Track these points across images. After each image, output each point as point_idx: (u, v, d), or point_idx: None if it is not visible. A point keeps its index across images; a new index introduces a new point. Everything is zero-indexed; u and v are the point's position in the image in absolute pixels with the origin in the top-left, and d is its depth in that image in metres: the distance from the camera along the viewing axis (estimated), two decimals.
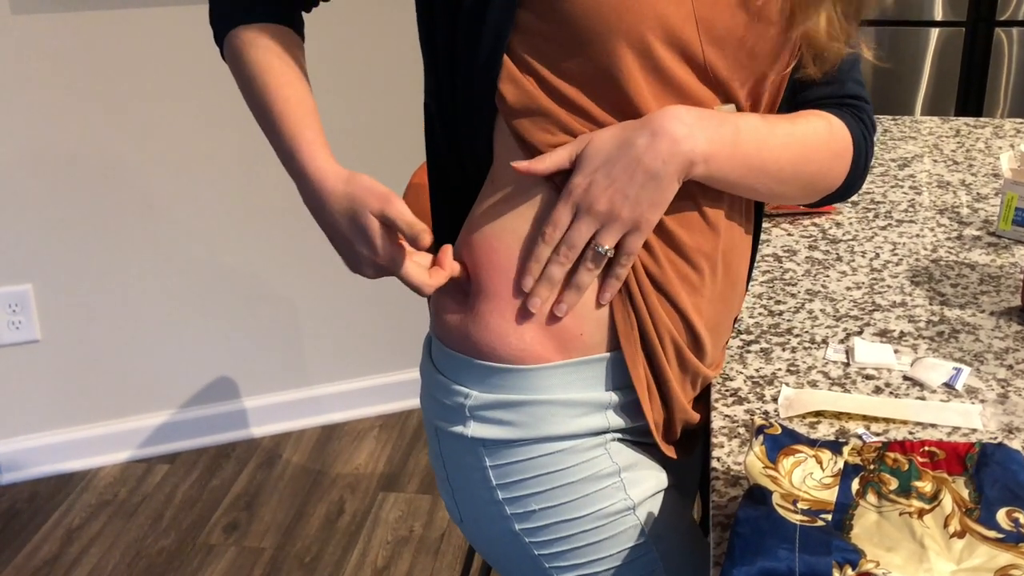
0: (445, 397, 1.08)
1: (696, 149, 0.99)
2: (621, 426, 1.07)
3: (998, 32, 2.82)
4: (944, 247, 1.50)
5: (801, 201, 1.15)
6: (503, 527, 1.08)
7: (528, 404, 1.04)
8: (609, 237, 1.00)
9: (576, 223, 1.00)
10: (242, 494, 2.64)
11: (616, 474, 1.07)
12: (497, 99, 1.02)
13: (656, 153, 0.98)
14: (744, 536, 0.83)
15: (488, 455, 1.06)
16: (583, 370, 1.04)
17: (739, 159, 1.02)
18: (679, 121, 0.98)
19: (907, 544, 0.84)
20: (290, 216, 2.74)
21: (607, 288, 1.02)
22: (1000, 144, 1.95)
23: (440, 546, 2.44)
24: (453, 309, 1.07)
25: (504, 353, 1.03)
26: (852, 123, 1.12)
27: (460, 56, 1.02)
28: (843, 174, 1.12)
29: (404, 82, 2.72)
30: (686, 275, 1.05)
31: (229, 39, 1.10)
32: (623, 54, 0.97)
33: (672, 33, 0.97)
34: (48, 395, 2.70)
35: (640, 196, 0.99)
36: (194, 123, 2.61)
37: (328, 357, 2.91)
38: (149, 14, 2.49)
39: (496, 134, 1.05)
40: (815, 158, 1.08)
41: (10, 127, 2.48)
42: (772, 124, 1.05)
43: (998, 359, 1.21)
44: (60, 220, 2.58)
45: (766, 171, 1.05)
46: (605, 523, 1.07)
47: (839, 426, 1.08)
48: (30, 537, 2.50)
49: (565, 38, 0.97)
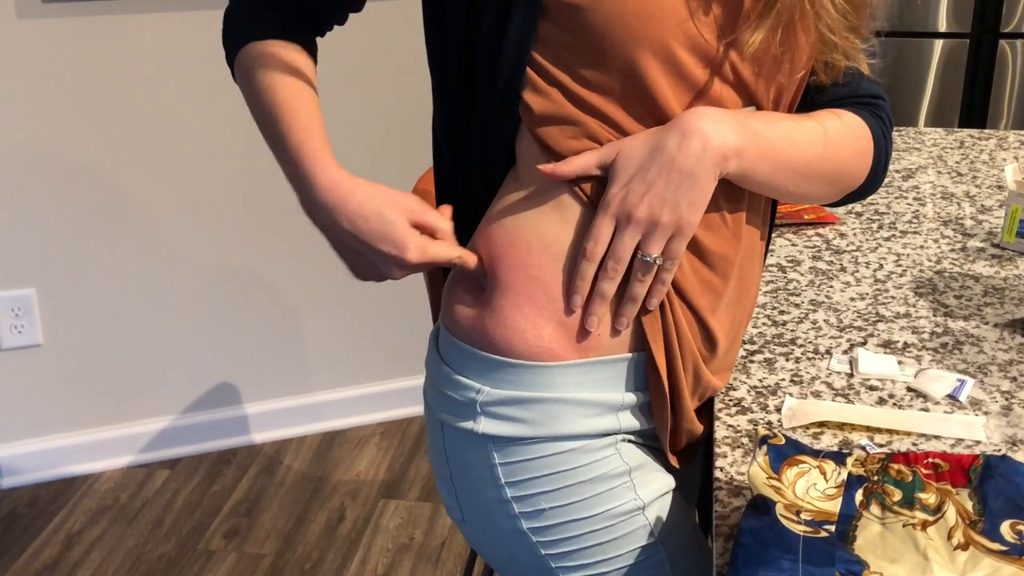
0: (453, 391, 1.07)
1: (728, 143, 0.99)
2: (632, 428, 1.07)
3: (1002, 44, 2.83)
4: (948, 259, 1.50)
5: (826, 199, 1.15)
6: (510, 526, 1.08)
7: (542, 401, 1.03)
8: (654, 245, 1.00)
9: (619, 235, 1.00)
10: (243, 500, 2.64)
11: (627, 474, 1.07)
12: (521, 109, 1.02)
13: (688, 152, 0.98)
14: (747, 546, 0.83)
15: (497, 452, 1.05)
16: (598, 370, 1.04)
17: (768, 155, 1.02)
18: (707, 118, 0.99)
19: (910, 556, 0.84)
20: (293, 223, 2.74)
21: (654, 294, 1.02)
22: (1004, 156, 1.95)
23: (440, 554, 2.43)
24: (468, 301, 1.07)
25: (520, 349, 1.03)
26: (871, 120, 1.12)
27: (479, 69, 1.03)
28: (865, 170, 1.13)
29: (409, 87, 2.72)
30: (708, 281, 1.06)
31: (240, 56, 1.10)
32: (647, 62, 0.97)
33: (695, 39, 0.97)
34: (50, 399, 2.70)
35: (678, 198, 0.98)
36: (197, 129, 2.61)
37: (329, 364, 2.91)
38: (153, 20, 2.49)
39: (519, 140, 1.05)
40: (838, 155, 1.09)
41: (14, 131, 2.49)
42: (795, 121, 1.06)
43: (1002, 371, 1.21)
44: (63, 225, 2.58)
45: (793, 167, 1.05)
46: (615, 523, 1.07)
47: (843, 437, 1.08)
48: (31, 541, 2.50)
49: (588, 48, 0.98)
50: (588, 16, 0.96)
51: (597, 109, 1.00)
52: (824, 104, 1.12)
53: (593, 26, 0.96)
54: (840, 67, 1.07)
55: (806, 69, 1.07)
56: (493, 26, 1.00)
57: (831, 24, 1.01)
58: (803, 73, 1.06)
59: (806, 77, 1.08)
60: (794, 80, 1.06)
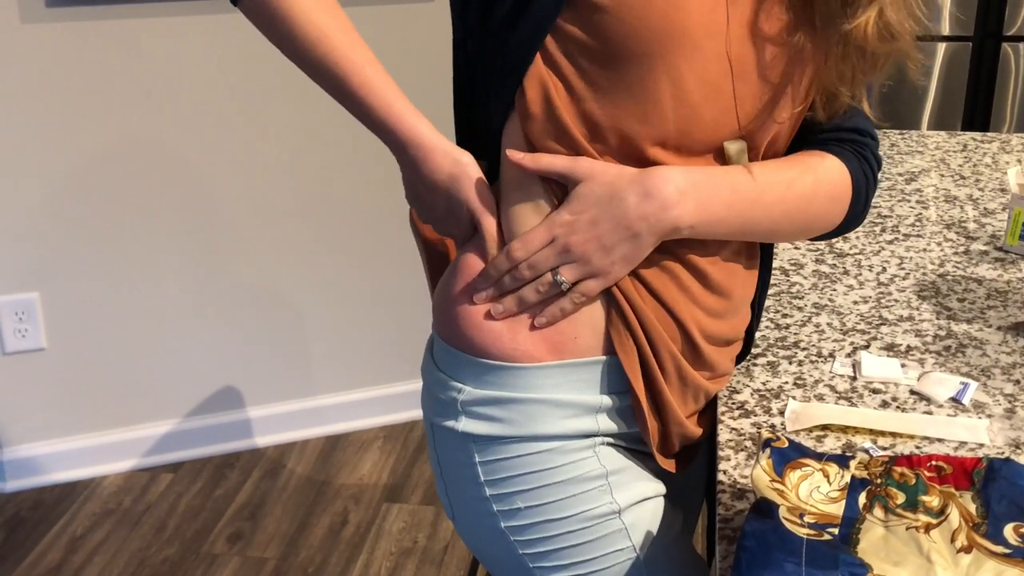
0: (439, 391, 1.09)
1: (683, 216, 1.01)
2: (612, 431, 1.08)
3: (1005, 47, 2.83)
4: (951, 262, 1.50)
5: (794, 240, 1.16)
6: (490, 524, 1.09)
7: (518, 402, 1.05)
8: (572, 273, 1.02)
9: (546, 250, 1.02)
10: (246, 504, 2.64)
11: (603, 477, 1.07)
12: (519, 95, 1.02)
13: (642, 215, 1.00)
14: (751, 550, 0.83)
15: (478, 451, 1.07)
16: (576, 372, 1.05)
17: (728, 221, 1.04)
18: (673, 185, 1.00)
19: (914, 559, 0.84)
20: (296, 226, 2.74)
21: (546, 315, 1.04)
22: (1007, 159, 1.95)
23: (444, 558, 2.43)
24: (453, 306, 1.08)
25: (497, 352, 1.05)
26: (853, 163, 1.12)
27: (494, 47, 1.03)
28: (840, 215, 1.13)
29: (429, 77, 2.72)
30: (687, 286, 1.06)
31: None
32: (658, 79, 0.97)
33: (705, 66, 0.98)
34: (53, 403, 2.71)
35: (615, 249, 1.01)
36: (201, 133, 2.61)
37: (332, 367, 2.91)
38: (157, 24, 2.49)
39: (507, 129, 1.06)
40: (810, 207, 1.09)
41: (17, 136, 2.49)
42: (771, 176, 1.06)
43: (1005, 374, 1.21)
44: (67, 229, 2.59)
45: (757, 223, 1.06)
46: (589, 525, 1.07)
47: (846, 440, 1.08)
48: (34, 545, 2.50)
49: (601, 51, 0.98)
50: (608, 20, 0.96)
51: (591, 113, 1.00)
52: (809, 136, 1.11)
53: (610, 31, 0.97)
54: (839, 108, 1.07)
55: (805, 104, 1.07)
56: (512, 7, 1.00)
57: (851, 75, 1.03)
58: (802, 108, 1.07)
59: (804, 112, 1.08)
60: (792, 115, 1.06)
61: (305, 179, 2.71)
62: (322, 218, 2.74)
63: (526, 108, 1.02)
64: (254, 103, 2.61)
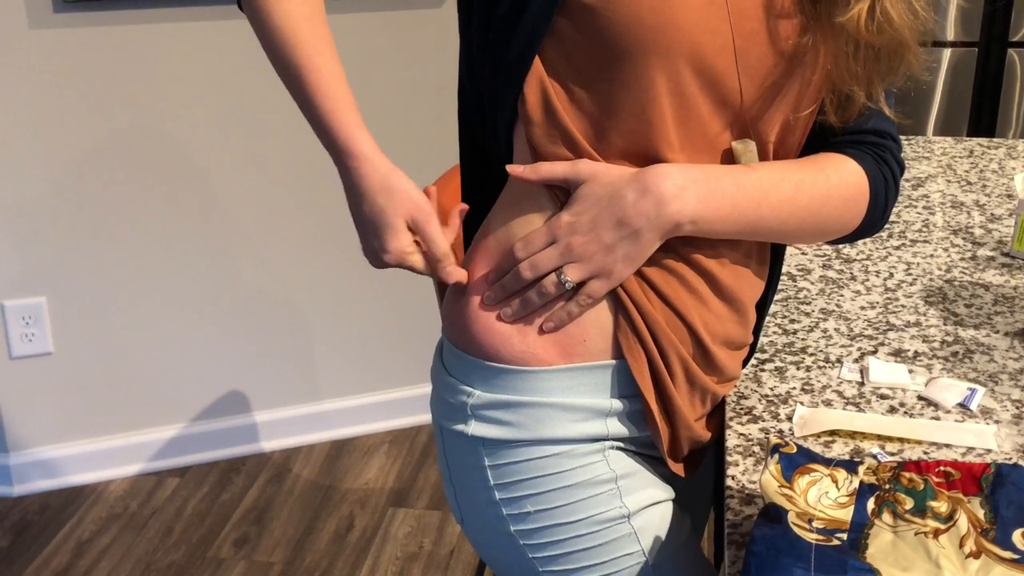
0: (449, 395, 1.10)
1: (684, 211, 1.00)
2: (622, 435, 1.08)
3: (1011, 53, 2.83)
4: (958, 267, 1.50)
5: (810, 243, 1.15)
6: (499, 528, 1.09)
7: (528, 405, 1.05)
8: (576, 273, 1.02)
9: (549, 250, 1.03)
10: (252, 508, 2.65)
11: (612, 481, 1.07)
12: (520, 100, 1.03)
13: (640, 211, 0.99)
14: (759, 555, 0.83)
15: (487, 455, 1.07)
16: (586, 376, 1.05)
17: (732, 218, 1.03)
18: (671, 181, 1.00)
19: (922, 564, 0.84)
20: (302, 231, 2.75)
21: (553, 318, 1.04)
22: (1014, 165, 1.95)
23: (449, 562, 2.43)
24: (462, 310, 1.09)
25: (507, 355, 1.05)
26: (871, 165, 1.10)
27: (493, 53, 1.03)
28: (858, 217, 1.11)
29: (436, 82, 2.73)
30: (695, 288, 1.06)
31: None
32: (654, 76, 0.97)
33: (703, 62, 0.98)
34: (60, 408, 2.71)
35: (617, 248, 1.01)
36: (208, 138, 2.62)
37: (338, 372, 2.91)
38: (165, 29, 2.50)
39: (515, 137, 1.06)
40: (822, 208, 1.08)
41: (25, 140, 2.50)
42: (778, 175, 1.05)
43: (1012, 380, 1.21)
44: (73, 233, 2.59)
45: (765, 223, 1.05)
46: (599, 529, 1.07)
47: (854, 445, 1.08)
48: (40, 549, 2.50)
49: (598, 52, 0.98)
50: (602, 20, 0.96)
51: (591, 114, 1.01)
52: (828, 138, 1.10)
53: (606, 31, 0.97)
54: (853, 111, 1.06)
55: (816, 104, 1.06)
56: (510, 9, 1.00)
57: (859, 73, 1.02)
58: (812, 108, 1.06)
59: (815, 113, 1.07)
60: (800, 117, 1.06)
61: (314, 184, 2.72)
62: (330, 223, 2.75)
63: (527, 114, 1.03)
64: (264, 108, 2.62)
